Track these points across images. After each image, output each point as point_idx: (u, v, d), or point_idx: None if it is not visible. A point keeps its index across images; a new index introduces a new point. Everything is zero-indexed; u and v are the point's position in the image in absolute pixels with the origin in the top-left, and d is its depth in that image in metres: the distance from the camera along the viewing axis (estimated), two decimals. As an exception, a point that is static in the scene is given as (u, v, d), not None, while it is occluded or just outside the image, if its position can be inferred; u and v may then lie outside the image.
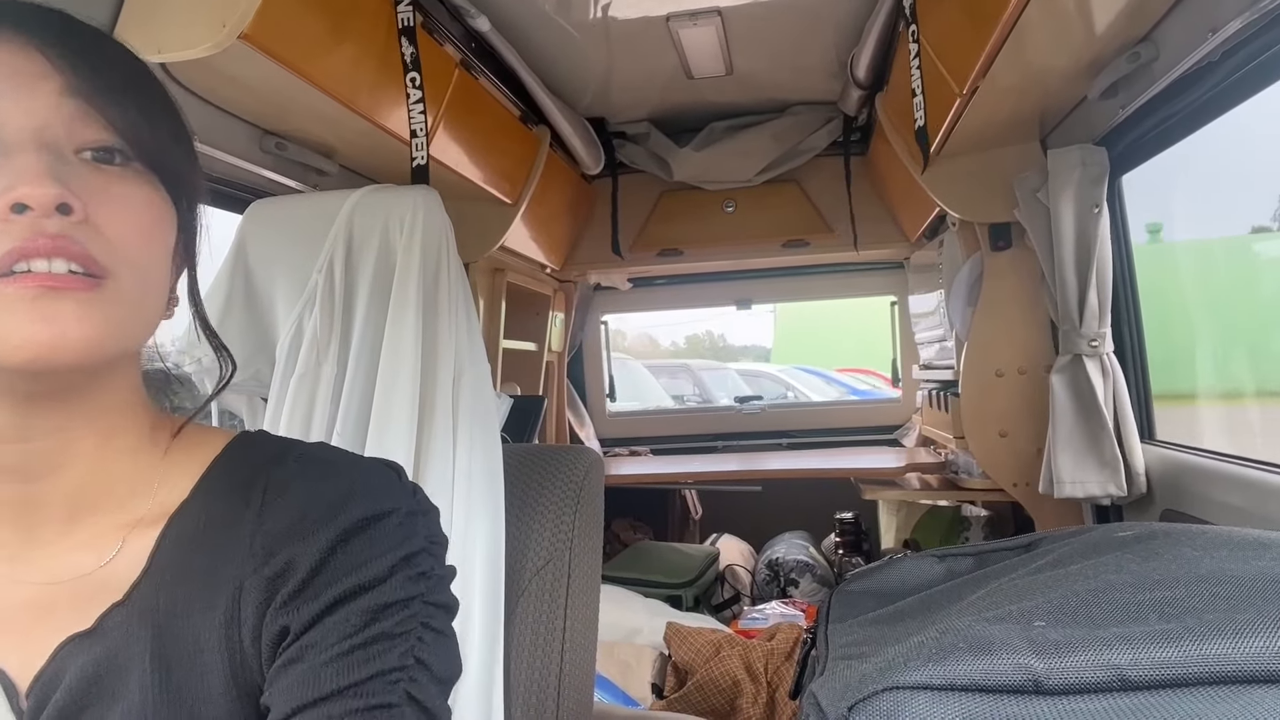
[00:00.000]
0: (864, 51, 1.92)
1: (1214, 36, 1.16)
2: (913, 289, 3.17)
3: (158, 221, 0.59)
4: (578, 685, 1.06)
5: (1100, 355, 1.75)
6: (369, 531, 0.60)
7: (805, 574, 2.87)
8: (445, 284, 1.12)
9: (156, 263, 0.59)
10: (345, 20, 1.27)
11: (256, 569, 0.59)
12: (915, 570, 1.06)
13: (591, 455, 1.14)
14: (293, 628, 0.57)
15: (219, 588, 0.59)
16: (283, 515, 0.61)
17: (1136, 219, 1.83)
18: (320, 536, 0.59)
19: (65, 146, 0.55)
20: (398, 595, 0.59)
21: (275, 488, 0.62)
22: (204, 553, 0.60)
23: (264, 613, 0.58)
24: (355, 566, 0.59)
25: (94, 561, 0.60)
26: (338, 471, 0.64)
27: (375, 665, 0.56)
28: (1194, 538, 0.85)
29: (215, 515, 0.62)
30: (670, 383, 6.00)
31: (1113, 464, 1.73)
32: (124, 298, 0.55)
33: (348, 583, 0.58)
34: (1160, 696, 0.61)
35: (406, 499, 0.64)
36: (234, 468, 0.65)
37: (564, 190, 2.57)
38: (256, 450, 0.67)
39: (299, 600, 0.58)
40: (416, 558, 0.61)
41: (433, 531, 0.65)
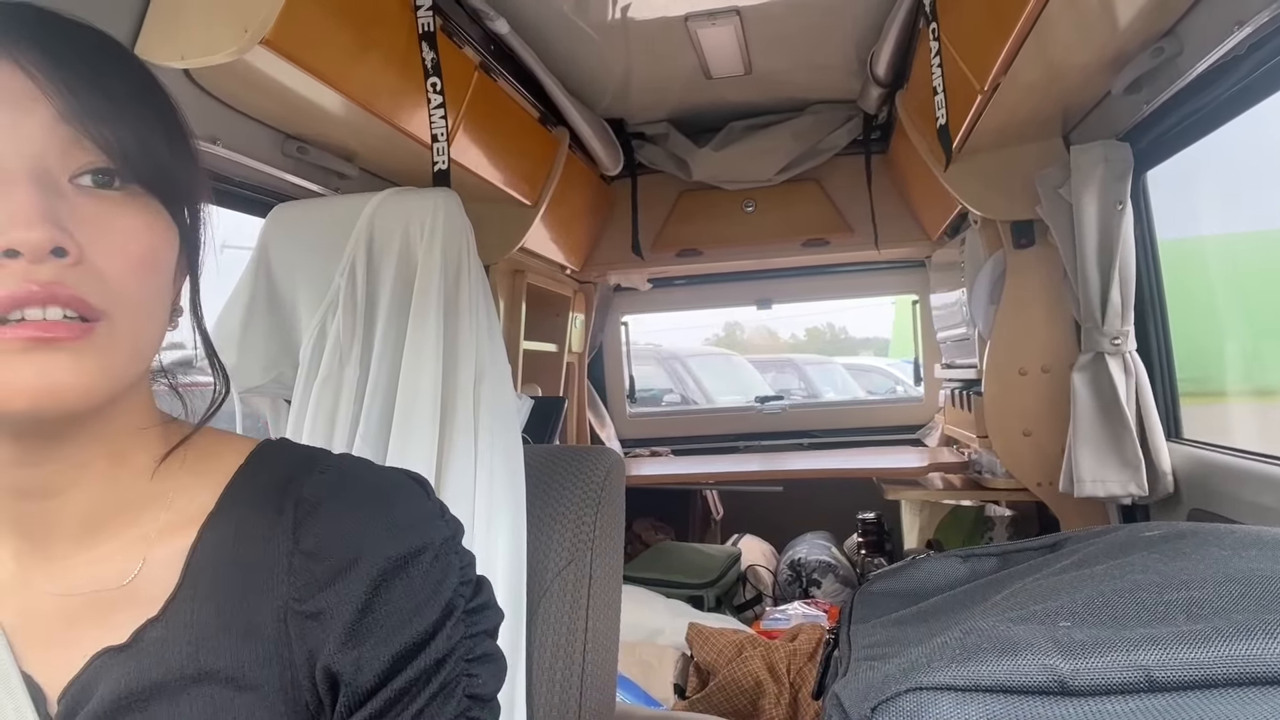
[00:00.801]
0: (884, 49, 1.91)
1: (1240, 30, 1.14)
2: (934, 287, 3.14)
3: (157, 247, 0.57)
4: (599, 685, 1.06)
5: (1123, 353, 1.73)
6: (408, 571, 0.60)
7: (827, 574, 2.86)
8: (466, 286, 1.12)
9: (155, 291, 0.58)
10: (366, 25, 1.28)
11: (301, 600, 0.59)
12: (938, 571, 1.06)
13: (612, 456, 1.14)
14: (350, 684, 0.58)
15: (261, 605, 0.59)
16: (317, 539, 0.61)
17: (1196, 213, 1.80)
18: (359, 575, 0.59)
19: (60, 174, 0.53)
20: (445, 648, 0.60)
21: (307, 503, 0.62)
22: (239, 567, 0.60)
23: (316, 647, 0.59)
24: (402, 620, 0.59)
25: (116, 574, 0.60)
26: (369, 492, 0.64)
27: (442, 713, 0.59)
28: (1222, 537, 0.84)
29: (247, 528, 0.62)
30: (777, 377, 5.91)
31: (1134, 463, 1.72)
32: (119, 337, 0.54)
33: (398, 641, 0.58)
34: (1189, 698, 0.60)
35: (437, 526, 0.64)
36: (261, 478, 0.65)
37: (583, 191, 2.58)
38: (282, 460, 0.67)
39: (352, 650, 0.58)
40: (455, 599, 0.62)
41: (464, 557, 0.66)
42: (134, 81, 0.58)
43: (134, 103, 0.56)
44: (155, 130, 0.57)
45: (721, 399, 4.84)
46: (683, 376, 5.07)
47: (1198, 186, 1.81)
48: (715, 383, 5.20)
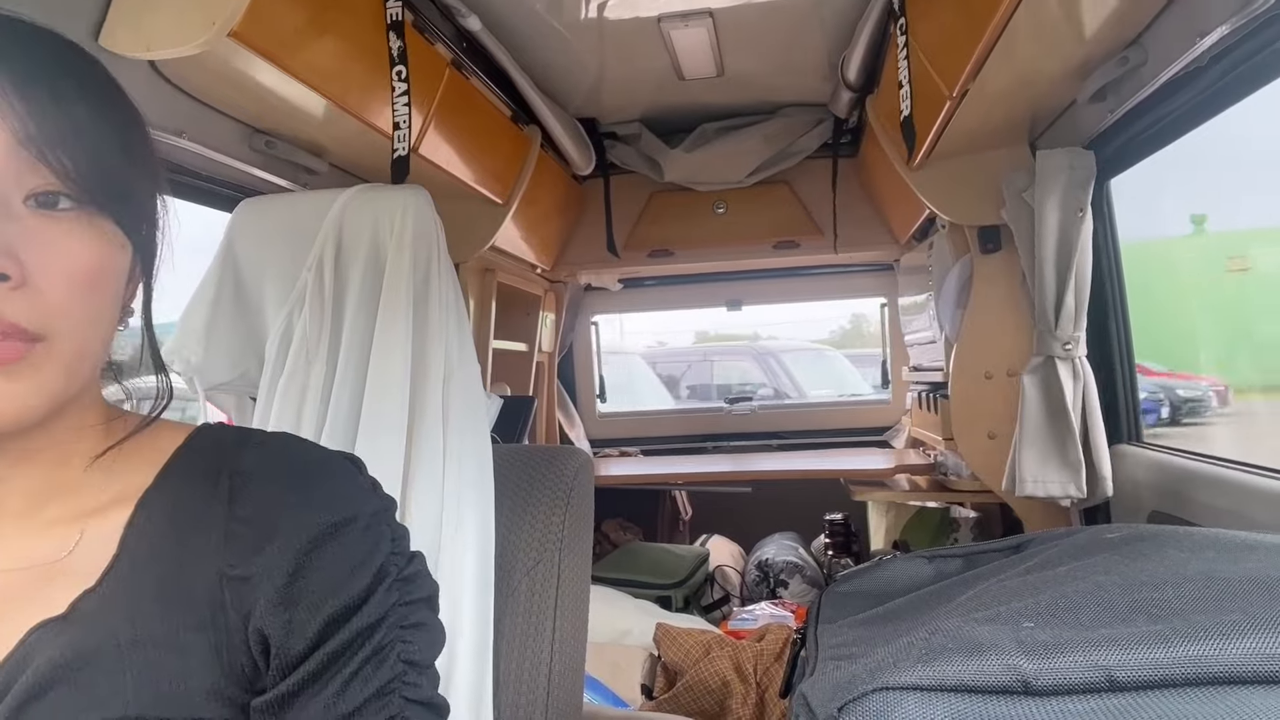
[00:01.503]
0: (854, 53, 1.93)
1: (1202, 41, 1.17)
2: (902, 291, 3.17)
3: (105, 265, 0.58)
4: (567, 686, 1.06)
5: (1073, 358, 1.76)
6: (338, 539, 0.62)
7: (795, 575, 2.88)
8: (435, 284, 1.12)
9: (100, 306, 0.58)
10: (335, 18, 1.27)
11: (234, 565, 0.60)
12: (905, 571, 1.06)
13: (581, 455, 1.14)
14: (281, 649, 0.59)
15: (196, 573, 0.61)
16: (250, 508, 0.62)
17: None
18: (289, 540, 0.61)
19: (13, 196, 0.54)
20: (378, 613, 0.62)
21: (242, 475, 0.64)
22: (175, 538, 0.62)
23: (249, 610, 0.60)
24: (334, 585, 0.61)
25: (54, 550, 0.61)
26: (301, 464, 0.66)
27: (372, 685, 0.60)
28: (1181, 540, 0.85)
29: (183, 501, 0.64)
30: (872, 371, 5.90)
31: (1075, 466, 1.75)
32: (59, 355, 0.55)
33: (330, 606, 0.60)
34: (1148, 697, 0.61)
35: (368, 498, 0.66)
36: (198, 456, 0.67)
37: (555, 191, 2.57)
38: (218, 439, 0.69)
39: (284, 613, 0.59)
40: (386, 565, 0.64)
41: (395, 529, 0.67)
42: (95, 99, 0.58)
43: (93, 123, 0.57)
44: (113, 149, 0.58)
45: (814, 393, 4.83)
46: (776, 371, 5.06)
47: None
48: (809, 377, 5.17)
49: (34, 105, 0.54)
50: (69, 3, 1.01)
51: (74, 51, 0.60)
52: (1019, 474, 1.81)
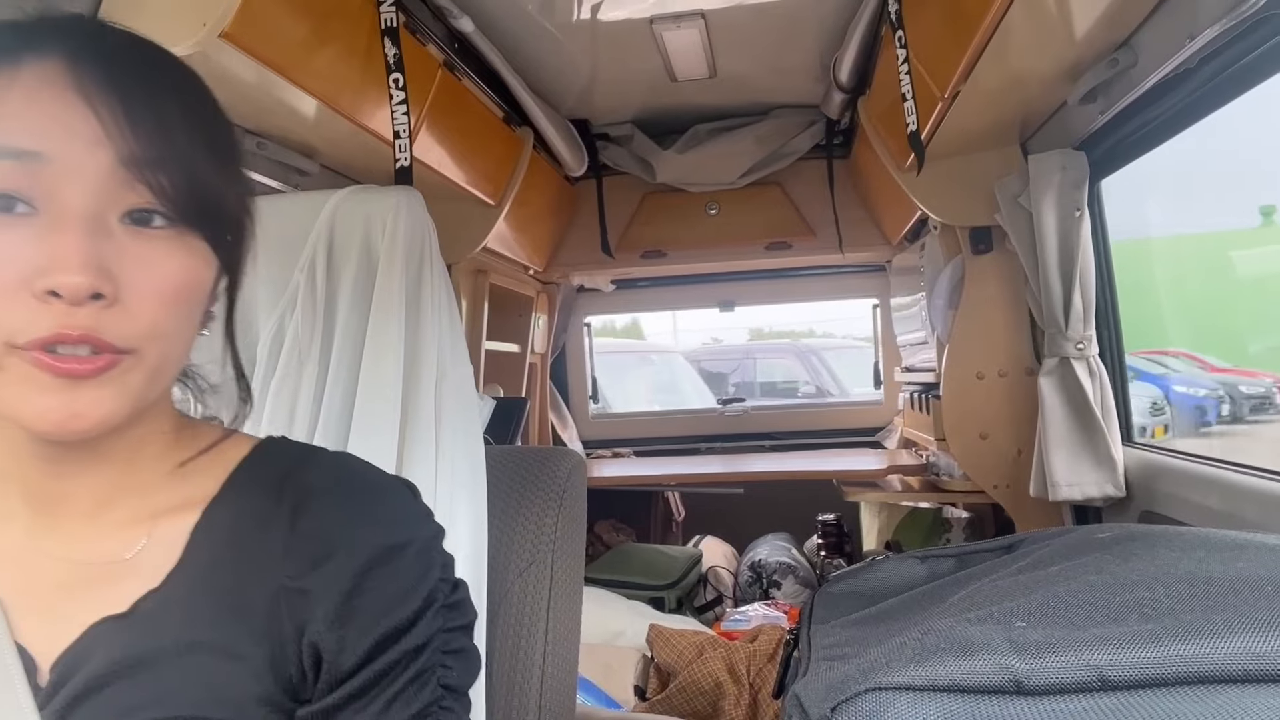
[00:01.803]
0: (846, 55, 1.93)
1: (1192, 43, 1.17)
2: (894, 292, 3.18)
3: (193, 281, 0.60)
4: (560, 687, 1.06)
5: (1087, 358, 1.76)
6: (393, 561, 0.64)
7: (788, 575, 2.88)
8: (428, 285, 1.11)
9: (185, 318, 0.61)
10: (327, 20, 1.26)
11: (294, 578, 0.63)
12: (897, 571, 1.07)
13: (574, 457, 1.14)
14: (332, 662, 0.61)
15: (256, 583, 0.63)
16: (312, 524, 0.65)
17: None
18: (350, 560, 0.63)
19: (110, 214, 0.56)
20: (424, 637, 0.64)
21: (304, 491, 0.66)
22: (238, 547, 0.64)
23: (304, 623, 0.62)
24: (386, 606, 0.63)
25: (119, 548, 0.63)
26: (363, 485, 0.69)
27: (413, 707, 0.62)
28: (1172, 539, 0.86)
29: (247, 512, 0.66)
30: None
31: (1108, 465, 1.73)
32: (145, 367, 0.58)
33: (382, 626, 0.62)
34: (1139, 696, 0.61)
35: (424, 524, 0.69)
36: (261, 469, 0.69)
37: (547, 192, 2.57)
38: (282, 453, 0.71)
39: (339, 629, 0.62)
40: (435, 591, 0.66)
41: (444, 556, 0.69)
42: (196, 121, 0.60)
43: (192, 145, 0.59)
44: (208, 169, 0.60)
45: (856, 391, 4.82)
46: (818, 369, 5.05)
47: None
48: (851, 374, 5.14)
49: (139, 127, 0.55)
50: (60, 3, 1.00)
51: (181, 72, 0.62)
52: (1050, 478, 1.78)
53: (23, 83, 0.55)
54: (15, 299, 0.53)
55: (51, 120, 0.54)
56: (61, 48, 0.56)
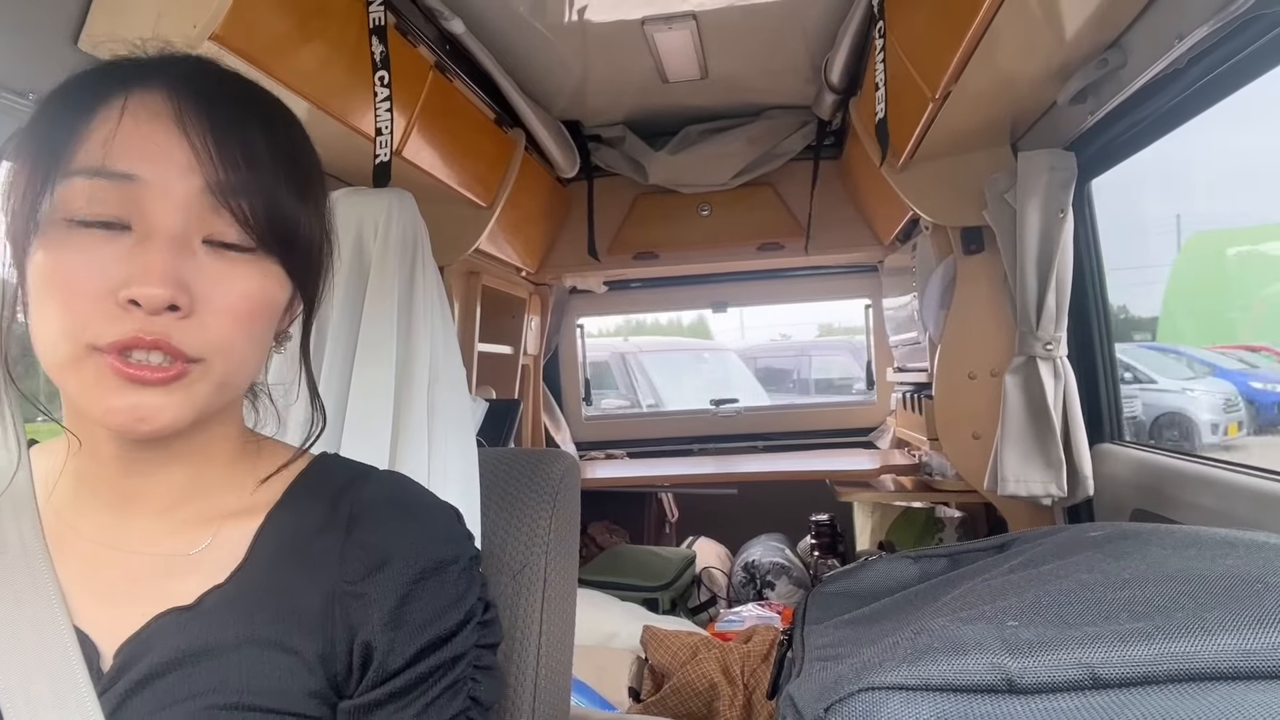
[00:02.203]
0: (837, 56, 1.94)
1: (1181, 43, 1.18)
2: (886, 292, 3.19)
3: (266, 302, 0.64)
4: (554, 689, 1.06)
5: (1054, 359, 1.78)
6: (441, 575, 0.69)
7: (781, 576, 2.88)
8: (420, 287, 1.11)
9: (257, 336, 0.65)
10: (317, 22, 1.26)
11: (349, 584, 0.67)
12: (890, 571, 1.07)
13: (567, 458, 1.14)
14: (382, 661, 0.66)
15: (313, 586, 0.67)
16: (368, 534, 0.69)
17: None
18: (401, 574, 0.68)
19: (195, 235, 0.60)
20: (462, 648, 0.69)
21: (360, 504, 0.71)
22: (299, 551, 0.69)
23: (357, 625, 0.66)
24: (432, 616, 0.68)
25: (186, 544, 0.68)
26: (415, 504, 0.74)
27: (445, 713, 0.67)
28: (1163, 538, 0.86)
29: (306, 519, 0.70)
30: None
31: (1056, 465, 1.77)
32: (212, 378, 0.62)
33: (430, 632, 0.67)
34: (1131, 694, 0.62)
35: (467, 546, 0.74)
36: (320, 481, 0.74)
37: (539, 193, 2.57)
38: (338, 469, 0.77)
39: (389, 630, 0.66)
40: (475, 608, 0.71)
41: (483, 578, 0.75)
42: (282, 154, 0.64)
43: (276, 176, 0.63)
44: (290, 200, 0.64)
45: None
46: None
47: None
48: None
49: (227, 159, 0.60)
50: (48, 5, 1.00)
51: (272, 106, 0.67)
52: (1001, 473, 1.82)
53: (130, 112, 0.60)
54: (101, 305, 0.58)
55: (150, 146, 0.59)
56: (165, 81, 0.61)
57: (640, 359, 5.32)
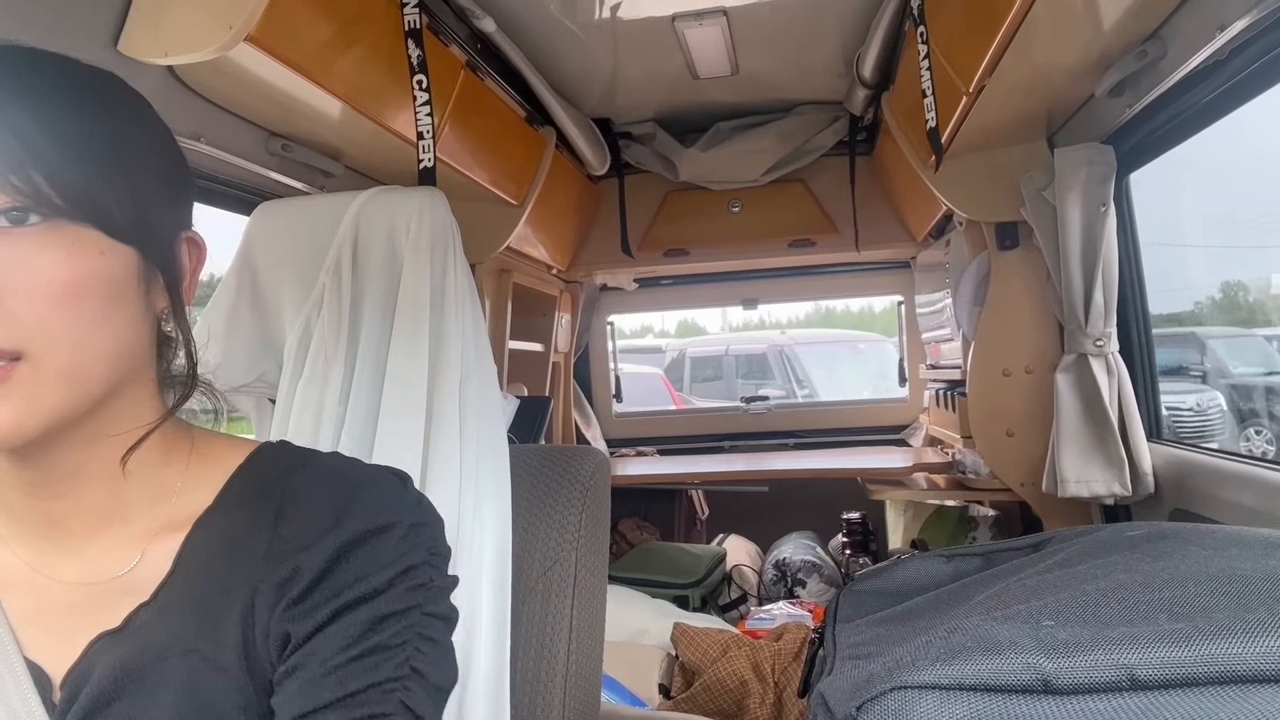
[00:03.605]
0: (870, 51, 1.92)
1: (1222, 34, 1.15)
2: (919, 288, 3.16)
3: (88, 275, 0.57)
4: (584, 685, 1.06)
5: (1105, 355, 1.75)
6: (372, 543, 0.63)
7: (812, 574, 2.87)
8: (452, 285, 1.12)
9: (92, 316, 0.58)
10: (351, 22, 1.27)
11: (268, 574, 0.62)
12: (923, 570, 1.06)
13: (598, 455, 1.14)
14: (294, 635, 0.61)
15: (238, 590, 0.63)
16: (291, 526, 0.64)
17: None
18: (324, 545, 0.62)
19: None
20: (396, 606, 0.62)
21: (290, 496, 0.66)
22: (225, 557, 0.64)
23: (272, 615, 0.62)
24: (357, 578, 0.62)
25: (116, 566, 0.64)
26: (346, 481, 0.68)
27: (372, 676, 0.59)
28: (1203, 537, 0.84)
29: (236, 523, 0.66)
30: (1174, 354, 5.10)
31: (1118, 463, 1.73)
32: (47, 372, 0.56)
33: (349, 595, 0.61)
34: (1170, 696, 0.61)
35: (411, 510, 0.67)
36: (254, 478, 0.69)
37: (570, 191, 2.58)
38: (276, 461, 0.71)
39: (302, 606, 0.61)
40: (417, 570, 0.64)
41: (435, 543, 0.68)
42: (57, 120, 0.58)
43: (56, 138, 0.57)
44: (86, 159, 0.58)
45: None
46: None
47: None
48: None
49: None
50: (87, 9, 1.01)
51: (42, 74, 0.60)
52: (1060, 474, 1.79)
53: None
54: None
55: None
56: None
57: (795, 351, 5.29)
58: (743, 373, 7.58)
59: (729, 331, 8.61)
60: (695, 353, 7.70)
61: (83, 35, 1.02)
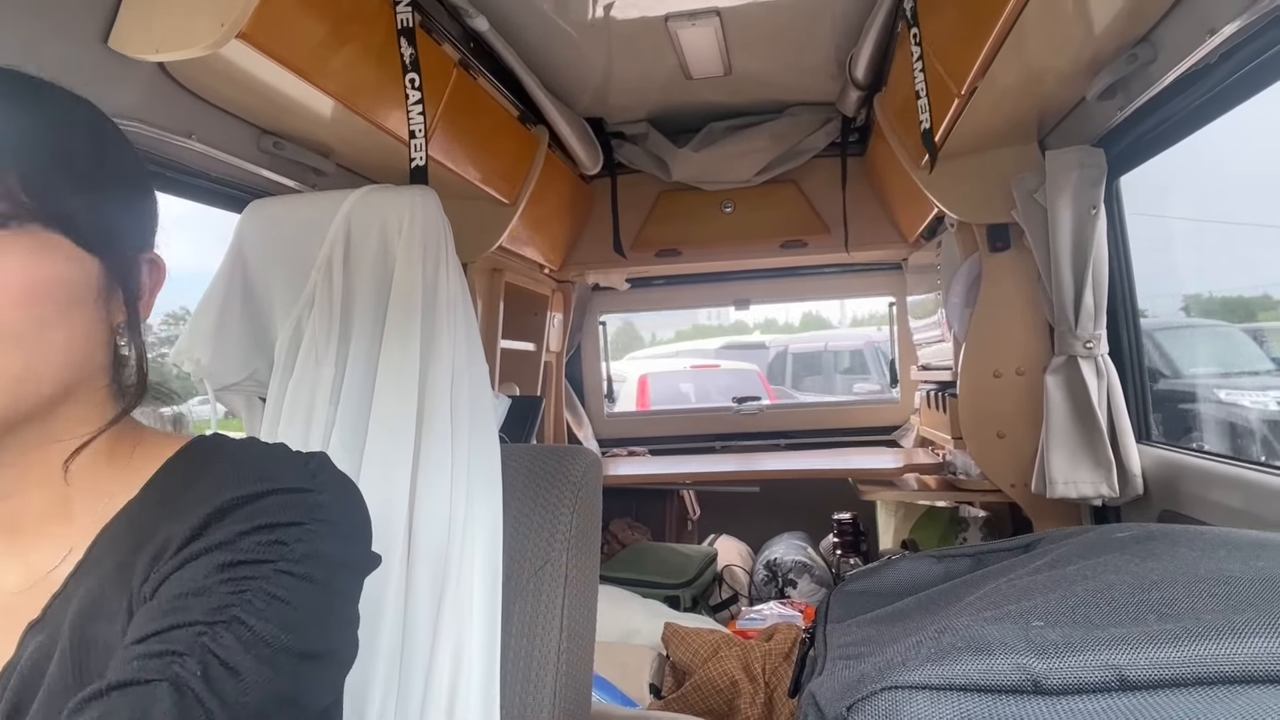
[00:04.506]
0: (862, 52, 1.92)
1: (1212, 38, 1.16)
2: (911, 290, 3.17)
3: (46, 281, 0.59)
4: (575, 686, 1.06)
5: (1095, 357, 1.76)
6: (243, 509, 0.61)
7: (803, 574, 2.87)
8: (444, 284, 1.12)
9: (43, 321, 0.59)
10: (344, 20, 1.27)
11: (156, 556, 0.61)
12: (913, 571, 1.06)
13: (589, 455, 1.14)
14: (151, 593, 0.59)
15: (128, 574, 0.62)
16: (182, 504, 0.64)
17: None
18: (195, 514, 0.61)
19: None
20: (242, 557, 0.58)
21: (193, 480, 0.66)
22: (124, 545, 0.64)
23: (144, 582, 0.60)
24: (220, 540, 0.59)
25: (49, 563, 0.66)
26: (233, 460, 0.67)
27: (181, 616, 0.55)
28: (1192, 538, 0.85)
29: (139, 513, 0.66)
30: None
31: (1105, 465, 1.74)
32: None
33: (195, 546, 0.59)
34: (1159, 697, 0.61)
35: (296, 478, 0.65)
36: (176, 472, 0.69)
37: (562, 191, 2.57)
38: (194, 453, 0.71)
39: (162, 565, 0.60)
40: (283, 529, 0.61)
41: (322, 510, 0.64)
42: (20, 126, 0.60)
43: (20, 148, 0.59)
44: (50, 168, 0.60)
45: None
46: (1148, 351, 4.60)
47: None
48: (1187, 357, 4.09)
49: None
50: (79, 5, 1.01)
51: (10, 79, 0.61)
52: (1049, 476, 1.80)
53: None
54: None
55: None
56: None
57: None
58: (842, 368, 7.70)
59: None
60: (797, 349, 8.04)
61: (74, 31, 1.01)
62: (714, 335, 9.72)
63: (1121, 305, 1.86)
